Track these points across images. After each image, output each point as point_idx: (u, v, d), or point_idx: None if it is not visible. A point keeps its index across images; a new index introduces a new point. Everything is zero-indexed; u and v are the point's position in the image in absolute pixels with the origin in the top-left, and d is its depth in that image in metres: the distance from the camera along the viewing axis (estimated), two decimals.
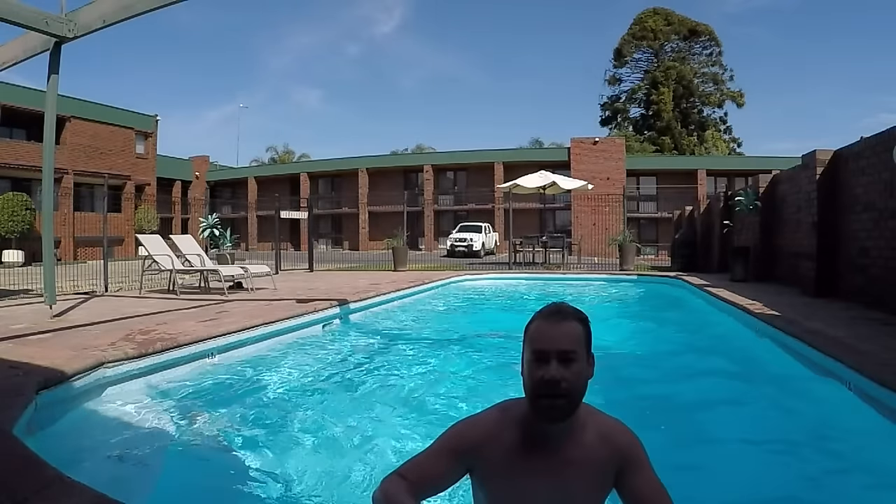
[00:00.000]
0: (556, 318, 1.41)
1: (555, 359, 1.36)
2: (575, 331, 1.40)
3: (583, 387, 1.40)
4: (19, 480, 2.03)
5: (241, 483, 2.88)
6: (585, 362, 1.41)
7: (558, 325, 1.40)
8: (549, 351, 1.36)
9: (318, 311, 6.93)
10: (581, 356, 1.39)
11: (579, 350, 1.39)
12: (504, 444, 1.42)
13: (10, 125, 23.52)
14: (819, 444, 3.33)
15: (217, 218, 14.03)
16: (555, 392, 1.34)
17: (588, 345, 1.43)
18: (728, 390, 4.46)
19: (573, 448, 1.41)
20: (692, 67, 47.72)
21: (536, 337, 1.41)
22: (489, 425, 1.47)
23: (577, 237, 20.74)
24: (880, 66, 67.14)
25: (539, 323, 1.43)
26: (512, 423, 1.44)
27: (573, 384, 1.36)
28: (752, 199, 11.15)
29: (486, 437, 1.44)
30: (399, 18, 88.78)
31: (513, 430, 1.43)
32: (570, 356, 1.36)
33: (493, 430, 1.45)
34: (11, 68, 6.76)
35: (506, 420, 1.45)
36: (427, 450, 1.50)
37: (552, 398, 1.35)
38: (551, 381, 1.34)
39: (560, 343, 1.37)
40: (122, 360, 4.08)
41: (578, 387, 1.38)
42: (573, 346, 1.38)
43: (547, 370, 1.35)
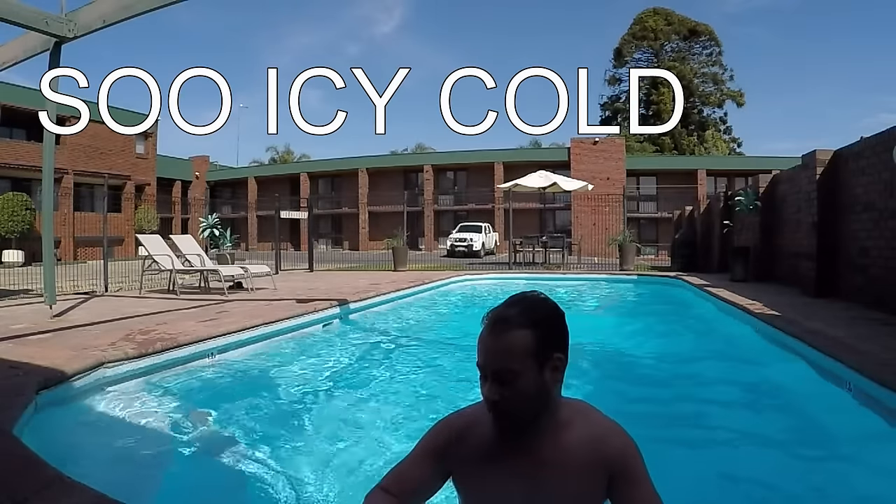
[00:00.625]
0: (496, 329, 1.25)
1: (490, 377, 1.24)
2: (517, 344, 1.23)
3: (531, 402, 1.24)
4: (19, 480, 2.03)
5: (241, 483, 2.88)
6: (536, 373, 1.24)
7: (497, 338, 1.24)
8: (483, 367, 1.25)
9: (318, 311, 6.93)
10: (525, 371, 1.22)
11: (520, 366, 1.22)
12: (479, 444, 1.33)
13: (10, 125, 23.53)
14: (819, 444, 3.33)
15: (217, 218, 14.04)
16: (495, 413, 1.24)
17: (544, 349, 1.26)
18: (727, 390, 4.45)
19: (552, 449, 1.28)
20: (692, 67, 47.71)
21: (477, 349, 1.28)
22: (465, 424, 1.37)
23: (577, 237, 20.74)
24: (880, 66, 67.21)
25: (482, 332, 1.29)
26: (488, 422, 1.32)
27: (513, 404, 1.23)
28: (752, 199, 11.15)
29: (461, 437, 1.35)
30: (399, 18, 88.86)
31: (488, 430, 1.32)
32: (506, 376, 1.22)
33: (468, 430, 1.35)
34: (11, 68, 6.77)
35: (481, 419, 1.33)
36: (408, 456, 1.40)
37: (496, 419, 1.25)
38: (488, 401, 1.24)
39: (494, 361, 1.23)
40: (122, 360, 4.09)
41: (522, 405, 1.23)
42: (509, 365, 1.22)
43: (486, 389, 1.24)
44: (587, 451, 1.28)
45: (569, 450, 1.28)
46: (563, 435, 1.29)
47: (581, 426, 1.31)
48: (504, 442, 1.29)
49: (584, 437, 1.29)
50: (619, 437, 1.31)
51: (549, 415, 1.29)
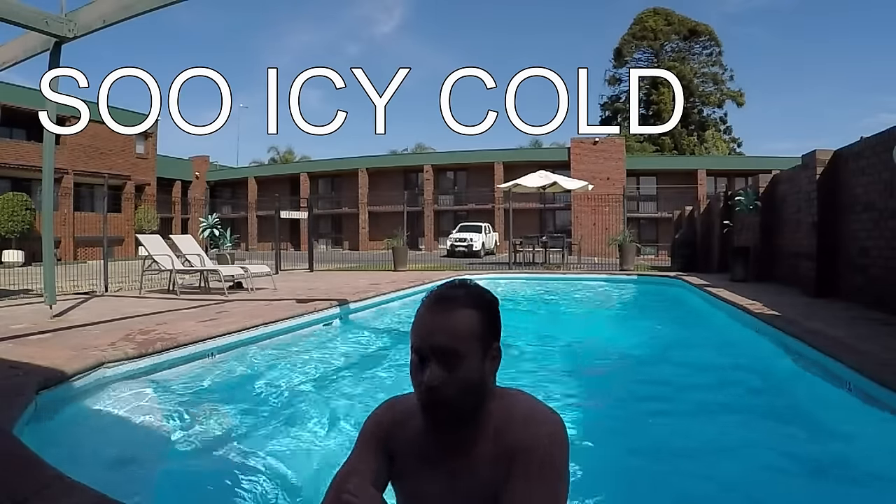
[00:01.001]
0: (440, 306, 1.13)
1: (433, 359, 1.10)
2: (464, 322, 1.12)
3: (472, 393, 1.13)
4: (19, 480, 2.03)
5: (241, 483, 2.88)
6: (479, 360, 1.13)
7: (442, 315, 1.12)
8: (424, 349, 1.11)
9: (318, 311, 6.93)
10: (471, 353, 1.11)
11: (467, 347, 1.11)
12: (411, 438, 1.22)
13: (10, 125, 23.53)
14: (819, 444, 3.33)
15: (217, 218, 14.03)
16: (434, 399, 1.10)
17: (488, 335, 1.15)
18: (727, 390, 4.45)
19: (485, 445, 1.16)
20: (692, 67, 47.72)
21: (415, 329, 1.15)
22: (394, 419, 1.26)
23: (577, 237, 20.74)
24: (880, 67, 67.20)
25: (421, 311, 1.16)
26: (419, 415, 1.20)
27: (456, 392, 1.10)
28: (752, 199, 11.15)
29: (391, 434, 1.25)
30: (399, 18, 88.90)
31: (419, 424, 1.20)
32: (451, 358, 1.10)
33: (399, 425, 1.24)
34: (11, 68, 6.77)
35: (413, 412, 1.21)
36: (353, 449, 1.29)
37: (432, 405, 1.11)
38: (429, 387, 1.10)
39: (439, 341, 1.10)
40: (122, 360, 4.09)
41: (465, 393, 1.11)
42: (456, 344, 1.10)
43: (425, 374, 1.11)
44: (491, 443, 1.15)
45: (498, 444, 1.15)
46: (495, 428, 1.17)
47: (512, 417, 1.16)
48: (438, 435, 1.18)
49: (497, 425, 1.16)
50: (542, 426, 1.13)
51: (485, 409, 1.17)
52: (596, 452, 3.17)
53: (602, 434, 3.60)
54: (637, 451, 3.32)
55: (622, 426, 3.77)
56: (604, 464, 3.06)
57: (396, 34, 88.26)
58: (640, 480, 2.95)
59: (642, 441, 3.46)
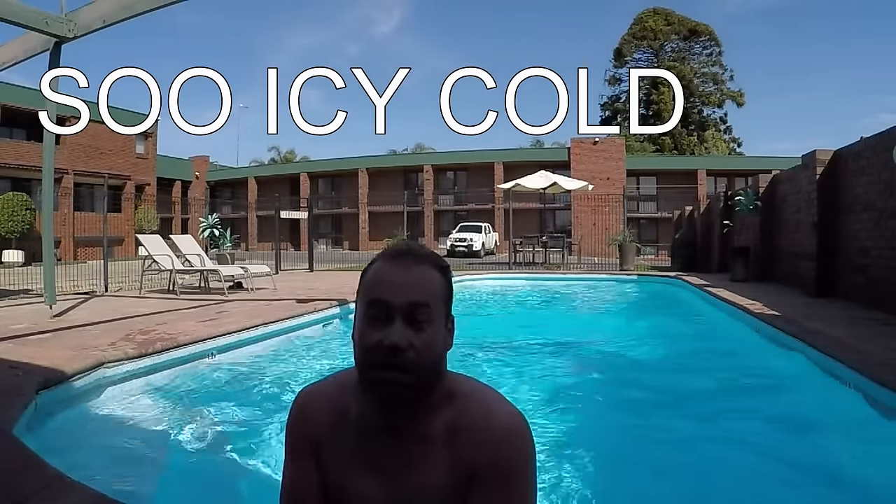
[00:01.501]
0: (405, 260, 1.00)
1: (400, 316, 0.95)
2: (432, 279, 1.00)
3: (437, 361, 0.99)
4: (19, 480, 2.03)
5: (240, 483, 2.88)
6: (444, 327, 1.01)
7: (408, 269, 0.99)
8: (391, 304, 0.96)
9: (318, 311, 6.93)
10: (437, 317, 0.99)
11: (435, 307, 0.99)
12: (340, 429, 1.06)
13: (10, 125, 23.52)
14: (819, 444, 3.33)
15: (217, 218, 14.04)
16: (397, 364, 0.94)
17: (448, 303, 1.04)
18: (727, 391, 4.46)
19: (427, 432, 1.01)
20: (692, 67, 47.71)
21: (374, 283, 1.00)
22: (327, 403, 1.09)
23: (577, 237, 20.74)
24: (880, 67, 67.22)
25: (381, 265, 1.02)
26: (350, 401, 1.06)
27: (423, 356, 0.95)
28: (752, 199, 11.15)
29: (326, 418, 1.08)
30: (398, 19, 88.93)
31: (350, 412, 1.06)
32: (421, 315, 0.96)
33: (330, 411, 1.08)
34: (11, 68, 6.77)
35: (342, 397, 1.07)
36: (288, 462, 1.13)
37: (393, 371, 0.94)
38: (392, 347, 0.93)
39: (409, 294, 0.96)
40: (122, 360, 4.09)
41: (431, 360, 0.97)
42: (427, 299, 0.97)
43: (387, 333, 0.94)
44: (445, 441, 1.00)
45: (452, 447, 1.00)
46: (443, 416, 1.01)
47: (465, 407, 1.02)
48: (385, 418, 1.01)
49: (450, 420, 1.01)
50: (507, 432, 0.98)
51: (436, 394, 1.02)
52: (593, 452, 3.17)
53: (602, 434, 3.60)
54: (635, 451, 3.32)
55: (622, 426, 3.77)
56: (601, 464, 3.06)
57: (396, 34, 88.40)
58: (638, 480, 2.95)
59: (641, 441, 3.46)
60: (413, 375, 0.95)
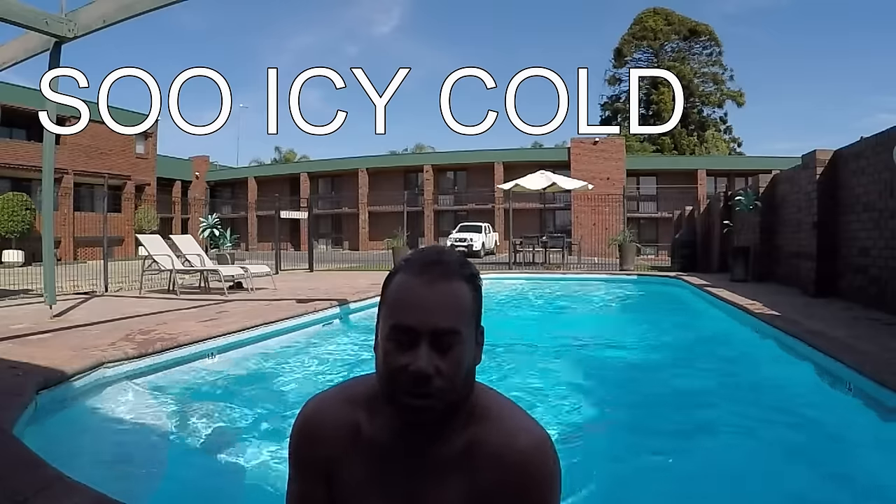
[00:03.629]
0: (432, 275, 0.92)
1: (426, 341, 0.89)
2: (461, 297, 0.93)
3: (465, 380, 0.94)
4: (19, 480, 2.03)
5: (240, 483, 2.88)
6: (473, 343, 0.95)
7: (435, 286, 0.91)
8: (416, 330, 0.89)
9: (318, 311, 6.93)
10: (467, 336, 0.93)
11: (465, 328, 0.92)
12: (353, 450, 1.00)
13: (10, 125, 23.52)
14: (818, 444, 3.33)
15: (217, 218, 14.04)
16: (423, 391, 0.89)
17: (477, 317, 0.97)
18: (727, 391, 4.46)
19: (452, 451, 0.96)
20: (692, 67, 47.69)
21: (400, 303, 0.92)
22: (337, 420, 1.01)
23: (577, 237, 20.73)
24: (880, 67, 67.24)
25: (406, 280, 0.94)
26: (361, 417, 1.00)
27: (451, 380, 0.90)
28: (752, 199, 11.15)
29: (337, 439, 1.00)
30: (398, 19, 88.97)
31: (362, 430, 1.00)
32: (449, 339, 0.90)
33: (341, 430, 1.00)
34: (11, 68, 6.76)
35: (353, 414, 1.01)
36: (293, 477, 1.06)
37: (421, 399, 0.89)
38: (419, 375, 0.88)
39: (436, 318, 0.89)
40: (122, 360, 4.08)
41: (458, 382, 0.92)
42: (456, 325, 0.91)
43: (414, 358, 0.89)
44: (465, 461, 0.95)
45: (469, 455, 0.95)
46: (465, 435, 0.96)
47: (489, 425, 0.97)
48: (406, 439, 0.96)
49: (490, 438, 0.95)
50: (528, 452, 0.93)
51: (463, 410, 0.97)
52: (592, 453, 3.17)
53: (600, 434, 3.60)
54: (634, 451, 3.32)
55: (620, 426, 3.77)
56: (599, 465, 3.06)
57: (395, 35, 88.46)
58: (636, 481, 2.95)
59: (640, 441, 3.46)
60: (440, 402, 0.91)
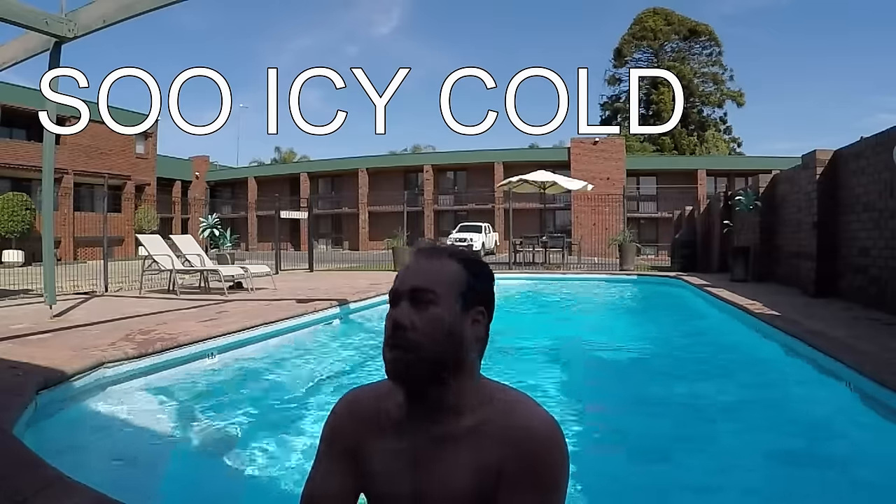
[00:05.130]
0: (424, 254, 1.11)
1: (406, 299, 1.04)
2: (443, 269, 1.07)
3: (442, 339, 1.02)
4: (19, 480, 2.02)
5: (240, 483, 2.88)
6: (454, 309, 1.05)
7: (423, 261, 1.09)
8: (398, 290, 1.07)
9: (318, 311, 6.93)
10: (446, 300, 1.04)
11: (443, 291, 1.04)
12: (379, 435, 1.11)
13: (10, 125, 23.51)
14: (818, 444, 3.33)
15: (217, 218, 14.03)
16: (399, 343, 1.02)
17: (469, 291, 1.08)
18: (727, 391, 4.46)
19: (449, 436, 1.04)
20: (692, 67, 47.68)
21: (396, 277, 1.11)
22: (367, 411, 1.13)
23: (577, 237, 20.73)
24: (880, 67, 67.25)
25: (406, 261, 1.14)
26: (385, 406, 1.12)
27: (425, 334, 1.01)
28: (752, 199, 11.15)
29: (361, 421, 1.13)
30: (397, 20, 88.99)
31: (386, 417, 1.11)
32: (423, 296, 1.03)
33: (370, 418, 1.12)
34: (11, 68, 6.76)
35: (378, 404, 1.13)
36: (316, 461, 1.16)
37: (395, 350, 1.03)
38: (395, 323, 1.03)
39: (414, 280, 1.05)
40: (122, 360, 4.09)
41: (432, 337, 1.02)
42: (430, 285, 1.04)
43: (395, 312, 1.05)
44: (478, 439, 1.02)
45: (466, 435, 1.03)
46: (468, 416, 1.05)
47: (503, 408, 1.05)
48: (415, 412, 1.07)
49: (484, 420, 1.04)
50: (528, 433, 1.00)
51: (459, 384, 1.05)
52: (591, 453, 3.17)
53: (599, 434, 3.60)
54: (633, 451, 3.32)
55: (620, 426, 3.77)
56: (598, 465, 3.06)
57: (395, 35, 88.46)
58: (635, 481, 2.95)
59: (639, 441, 3.46)
60: (414, 354, 1.01)
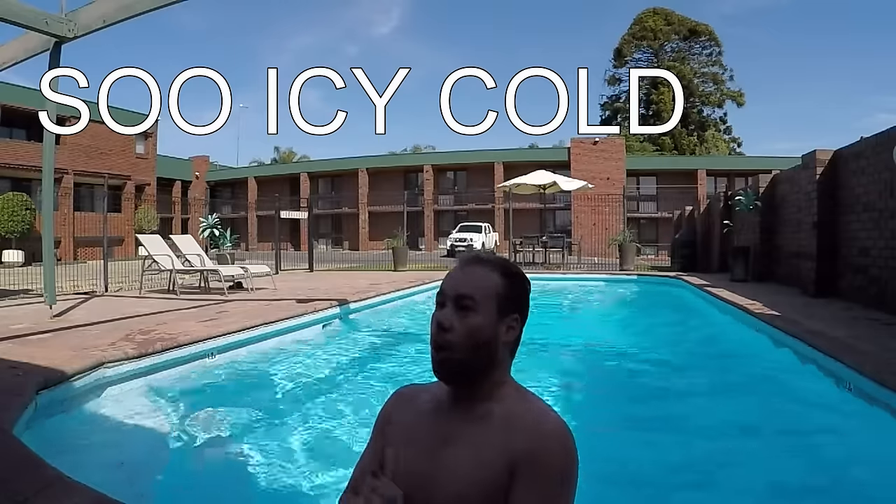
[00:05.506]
0: (469, 265, 1.21)
1: (451, 302, 1.16)
2: (484, 278, 1.18)
3: (478, 345, 1.14)
4: (19, 480, 2.03)
5: (240, 483, 2.88)
6: (493, 317, 1.16)
7: (467, 271, 1.20)
8: (445, 293, 1.18)
9: (318, 311, 6.92)
10: (485, 308, 1.15)
11: (482, 299, 1.15)
12: (407, 417, 1.23)
13: (10, 125, 23.51)
14: (818, 444, 3.33)
15: (217, 218, 14.04)
16: (441, 344, 1.14)
17: (506, 300, 1.18)
18: (727, 391, 4.46)
19: (470, 423, 1.15)
20: (692, 67, 47.69)
21: (443, 282, 1.22)
22: (407, 394, 1.29)
23: (577, 237, 20.74)
24: (879, 67, 67.24)
25: (453, 268, 1.25)
26: (421, 392, 1.27)
27: (461, 336, 1.13)
28: (752, 199, 11.15)
29: (399, 407, 1.27)
30: (397, 19, 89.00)
31: (419, 399, 1.25)
32: (465, 303, 1.15)
33: (405, 401, 1.27)
34: (11, 68, 6.76)
35: (418, 391, 1.28)
36: (367, 444, 1.29)
37: (440, 352, 1.15)
38: (438, 324, 1.15)
39: (458, 286, 1.17)
40: (122, 360, 4.08)
41: (470, 342, 1.13)
42: (472, 292, 1.15)
43: (438, 314, 1.17)
44: (495, 434, 1.11)
45: (485, 429, 1.13)
46: (488, 411, 1.15)
47: (514, 408, 1.15)
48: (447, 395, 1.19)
49: (503, 418, 1.13)
50: (540, 433, 1.09)
51: (494, 382, 1.18)
52: (591, 453, 3.17)
53: (599, 434, 3.60)
54: (633, 451, 3.32)
55: (620, 426, 3.77)
56: (599, 465, 3.06)
57: (395, 35, 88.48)
58: (635, 480, 2.95)
59: (639, 441, 3.46)
60: (451, 352, 1.14)
